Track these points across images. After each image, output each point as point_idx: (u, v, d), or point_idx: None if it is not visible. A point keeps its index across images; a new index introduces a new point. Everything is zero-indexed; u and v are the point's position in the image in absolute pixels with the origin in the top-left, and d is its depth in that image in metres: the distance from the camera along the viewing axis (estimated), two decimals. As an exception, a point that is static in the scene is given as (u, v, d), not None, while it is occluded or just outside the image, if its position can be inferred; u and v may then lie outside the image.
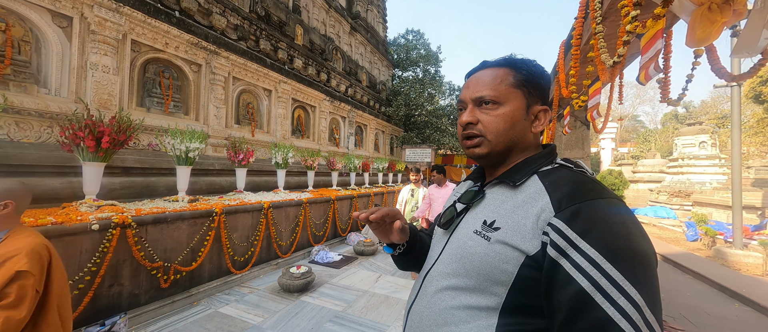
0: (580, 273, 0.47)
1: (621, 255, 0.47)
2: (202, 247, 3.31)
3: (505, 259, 0.55)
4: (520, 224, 0.56)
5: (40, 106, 3.18)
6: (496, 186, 0.66)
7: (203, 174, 4.62)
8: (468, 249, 0.61)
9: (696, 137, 12.63)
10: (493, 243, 0.57)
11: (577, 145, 4.31)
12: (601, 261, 0.46)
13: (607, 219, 0.50)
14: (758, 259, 5.28)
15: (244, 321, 2.85)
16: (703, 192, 10.53)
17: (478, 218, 0.64)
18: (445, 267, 0.65)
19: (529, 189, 0.60)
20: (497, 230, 0.58)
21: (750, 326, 3.30)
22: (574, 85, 2.48)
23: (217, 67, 5.11)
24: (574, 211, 0.51)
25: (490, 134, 0.64)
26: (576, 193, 0.53)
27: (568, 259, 0.49)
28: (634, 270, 0.46)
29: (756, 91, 18.13)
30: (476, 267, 0.58)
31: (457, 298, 0.60)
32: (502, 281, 0.55)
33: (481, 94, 0.65)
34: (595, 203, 0.51)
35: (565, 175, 0.59)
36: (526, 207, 0.57)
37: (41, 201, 2.88)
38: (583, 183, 0.56)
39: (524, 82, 0.64)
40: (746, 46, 1.16)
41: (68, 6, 3.44)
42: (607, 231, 0.49)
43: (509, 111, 0.64)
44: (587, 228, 0.49)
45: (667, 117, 31.44)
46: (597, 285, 0.46)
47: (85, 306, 2.34)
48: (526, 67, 0.65)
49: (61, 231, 2.26)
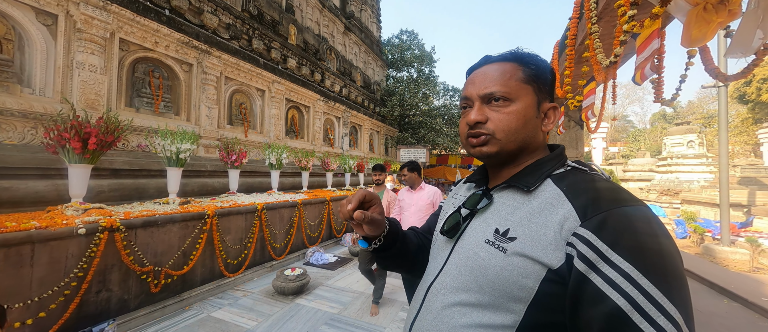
0: (615, 289, 0.43)
1: (656, 268, 0.43)
2: (194, 250, 3.24)
3: (525, 274, 0.50)
4: (540, 234, 0.51)
5: (24, 107, 3.07)
6: (505, 191, 0.61)
7: (195, 176, 4.53)
8: (481, 262, 0.55)
9: (684, 136, 12.92)
10: (510, 256, 0.52)
11: (571, 144, 4.35)
12: (637, 276, 0.43)
13: (636, 229, 0.46)
14: (745, 256, 5.40)
15: (238, 326, 2.79)
16: (692, 190, 10.77)
17: (488, 226, 0.58)
18: (452, 280, 0.59)
19: (544, 195, 0.55)
20: (513, 240, 0.53)
21: (738, 321, 3.37)
22: (569, 85, 2.49)
23: (208, 66, 5.02)
24: (602, 220, 0.47)
25: (500, 133, 0.59)
26: (601, 200, 0.49)
27: (599, 274, 0.44)
28: (670, 283, 0.43)
29: (740, 92, 18.70)
30: (491, 281, 0.53)
31: (469, 315, 0.55)
32: (520, 297, 0.51)
33: (491, 90, 0.59)
34: (622, 210, 0.47)
35: (582, 179, 0.55)
36: (544, 215, 0.52)
37: (25, 205, 2.78)
38: (606, 188, 0.52)
39: (534, 77, 0.60)
40: (740, 46, 1.17)
41: (53, 3, 3.34)
42: (638, 242, 0.45)
43: (521, 108, 0.59)
44: (617, 238, 0.45)
45: (655, 116, 32.15)
46: (634, 302, 0.42)
47: (71, 312, 2.26)
48: (534, 61, 0.61)
49: (46, 236, 2.18)
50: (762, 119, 18.25)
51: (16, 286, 2.06)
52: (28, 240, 2.11)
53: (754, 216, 8.27)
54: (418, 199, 2.82)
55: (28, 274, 2.12)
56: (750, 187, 9.51)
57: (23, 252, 2.09)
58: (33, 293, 2.12)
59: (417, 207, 2.80)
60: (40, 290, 2.15)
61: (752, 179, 9.86)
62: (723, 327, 3.21)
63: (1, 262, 1.99)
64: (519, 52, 0.63)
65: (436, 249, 0.70)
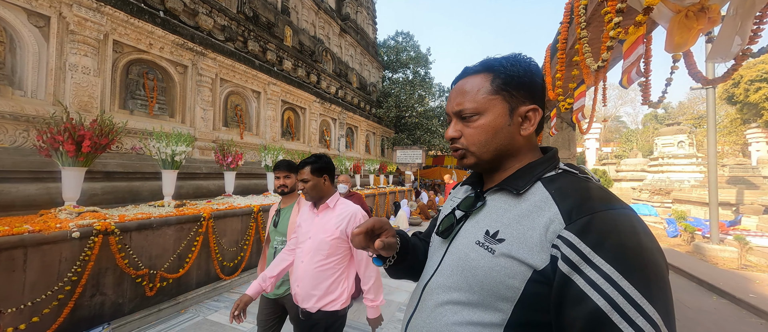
0: (595, 290, 0.45)
1: (636, 270, 0.45)
2: (190, 253, 3.22)
3: (511, 274, 0.52)
4: (527, 236, 0.53)
5: (15, 109, 3.04)
6: (497, 193, 0.63)
7: (190, 178, 4.51)
8: (470, 262, 0.58)
9: (675, 137, 13.15)
10: (497, 257, 0.54)
11: (564, 145, 4.42)
12: (617, 278, 0.44)
13: (619, 231, 0.47)
14: (733, 254, 5.53)
15: (234, 328, 2.79)
16: (682, 189, 10.97)
17: (479, 227, 0.61)
18: (445, 279, 0.62)
19: (533, 198, 0.57)
20: (501, 242, 0.55)
21: (727, 317, 3.45)
22: (560, 87, 2.54)
23: (204, 68, 5.00)
24: (586, 223, 0.48)
25: (473, 146, 0.63)
26: (586, 203, 0.51)
27: (582, 275, 0.46)
28: (650, 285, 0.44)
29: (729, 93, 19.10)
30: (480, 281, 0.55)
31: (459, 314, 0.57)
32: (507, 297, 0.53)
33: (461, 107, 0.63)
34: (606, 214, 0.49)
35: (571, 182, 0.57)
36: (532, 218, 0.54)
37: (16, 209, 2.75)
38: (592, 191, 0.53)
39: (504, 85, 0.61)
40: (720, 51, 1.22)
41: (45, 5, 3.31)
42: (620, 245, 0.46)
43: (490, 120, 0.61)
44: (600, 241, 0.47)
45: (647, 117, 32.67)
46: (613, 303, 0.44)
47: (65, 317, 2.24)
48: (504, 68, 0.62)
49: (39, 240, 2.16)
50: (750, 119, 18.67)
51: (8, 291, 2.03)
52: (20, 245, 2.09)
53: (743, 214, 8.46)
54: (323, 226, 1.52)
55: (21, 279, 2.10)
56: (738, 186, 9.72)
57: (15, 256, 2.07)
58: (26, 297, 2.10)
59: (316, 241, 1.49)
60: (33, 294, 2.13)
61: (740, 178, 10.08)
62: (711, 323, 3.29)
63: (-6, 267, 1.97)
64: (491, 60, 0.65)
65: (432, 249, 0.73)
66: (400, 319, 3.04)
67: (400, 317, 3.10)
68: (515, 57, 0.64)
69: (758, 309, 3.50)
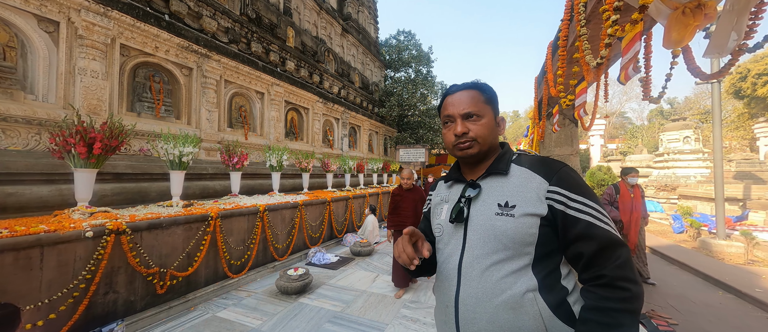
0: (581, 213, 0.74)
1: (588, 195, 0.77)
2: (198, 252, 3.29)
3: (530, 225, 0.76)
4: (529, 197, 0.78)
5: (28, 113, 3.12)
6: (487, 178, 0.86)
7: (196, 179, 4.59)
8: (499, 228, 0.78)
9: (680, 132, 13.00)
10: (518, 217, 0.76)
11: (566, 142, 4.42)
12: (587, 202, 0.75)
13: (574, 177, 0.79)
14: (740, 249, 5.48)
15: (243, 325, 2.85)
16: (688, 185, 10.86)
17: (490, 203, 0.81)
18: (479, 250, 0.80)
19: (516, 173, 0.83)
20: (514, 207, 0.78)
21: (732, 312, 3.44)
22: (561, 84, 2.56)
23: (208, 70, 5.07)
24: (559, 178, 0.78)
25: (480, 139, 0.85)
26: (551, 167, 0.81)
27: (571, 208, 0.75)
28: (594, 198, 0.77)
29: (736, 87, 18.80)
30: (511, 238, 0.76)
31: (502, 269, 0.77)
32: (530, 242, 0.76)
33: (468, 110, 0.85)
34: (564, 169, 0.80)
35: (531, 158, 0.85)
36: (526, 185, 0.80)
37: (30, 210, 2.83)
38: (546, 160, 0.84)
39: (489, 100, 0.88)
40: (717, 47, 1.24)
41: (55, 10, 3.39)
42: (578, 184, 0.78)
43: (488, 121, 0.86)
44: (571, 185, 0.77)
45: (652, 113, 32.29)
46: (591, 215, 0.74)
47: (80, 314, 2.32)
48: (487, 89, 0.89)
49: (55, 239, 2.24)
50: (758, 114, 18.38)
51: (26, 289, 2.11)
52: (37, 244, 2.16)
53: (750, 209, 8.36)
54: None
55: (38, 277, 2.17)
56: (745, 181, 9.60)
57: (32, 255, 2.15)
58: (43, 295, 2.18)
59: None
60: (49, 292, 2.21)
61: (747, 173, 9.96)
62: (716, 318, 3.29)
63: (12, 265, 2.05)
64: (477, 82, 0.91)
65: (446, 236, 0.89)
66: (405, 315, 3.09)
67: (405, 313, 3.14)
68: (487, 84, 0.92)
69: (764, 304, 3.49)
